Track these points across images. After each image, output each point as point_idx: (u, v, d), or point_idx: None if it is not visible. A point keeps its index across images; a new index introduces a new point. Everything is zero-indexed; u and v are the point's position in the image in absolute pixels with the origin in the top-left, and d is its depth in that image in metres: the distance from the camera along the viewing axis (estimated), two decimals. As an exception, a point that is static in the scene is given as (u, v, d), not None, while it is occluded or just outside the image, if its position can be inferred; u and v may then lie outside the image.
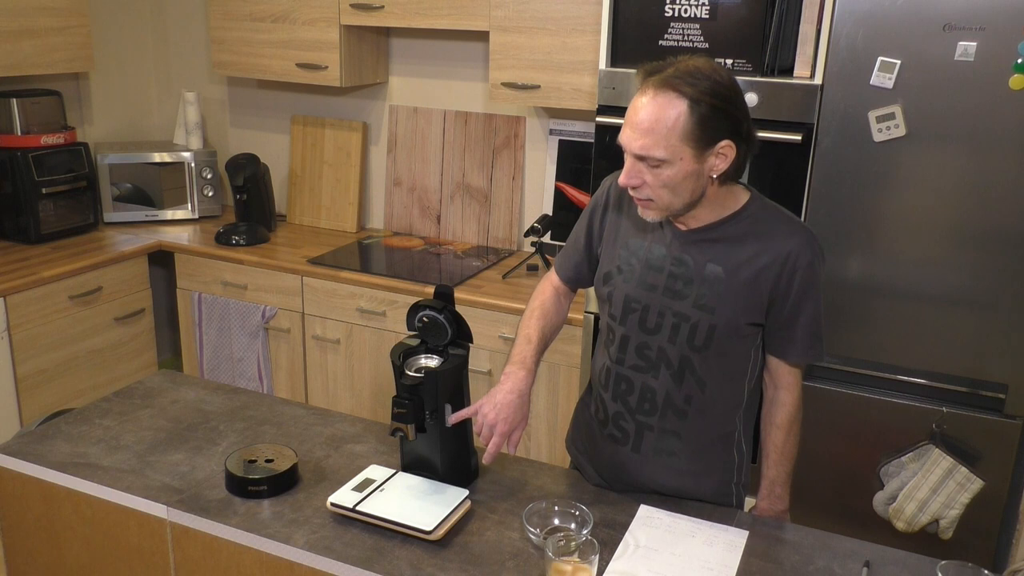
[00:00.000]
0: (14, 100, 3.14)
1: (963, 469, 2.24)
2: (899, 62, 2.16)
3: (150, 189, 3.60)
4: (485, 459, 1.65)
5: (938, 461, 2.27)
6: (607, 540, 1.52)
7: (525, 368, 1.70)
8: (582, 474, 1.84)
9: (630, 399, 1.68)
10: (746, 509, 1.81)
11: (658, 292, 1.62)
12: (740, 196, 1.62)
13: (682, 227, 1.62)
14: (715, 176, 1.52)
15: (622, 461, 1.73)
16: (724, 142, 1.50)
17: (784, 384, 1.70)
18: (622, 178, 1.53)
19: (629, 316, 1.66)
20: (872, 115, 2.22)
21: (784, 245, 1.57)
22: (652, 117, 1.46)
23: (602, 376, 1.74)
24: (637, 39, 2.49)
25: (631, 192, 1.56)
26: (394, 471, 1.68)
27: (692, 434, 1.68)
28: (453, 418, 1.63)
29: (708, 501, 1.72)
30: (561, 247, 1.88)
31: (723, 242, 1.59)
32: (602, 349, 1.76)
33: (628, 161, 1.52)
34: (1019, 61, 2.06)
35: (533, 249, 3.06)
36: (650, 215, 1.57)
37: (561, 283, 1.87)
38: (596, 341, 1.85)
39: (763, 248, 1.58)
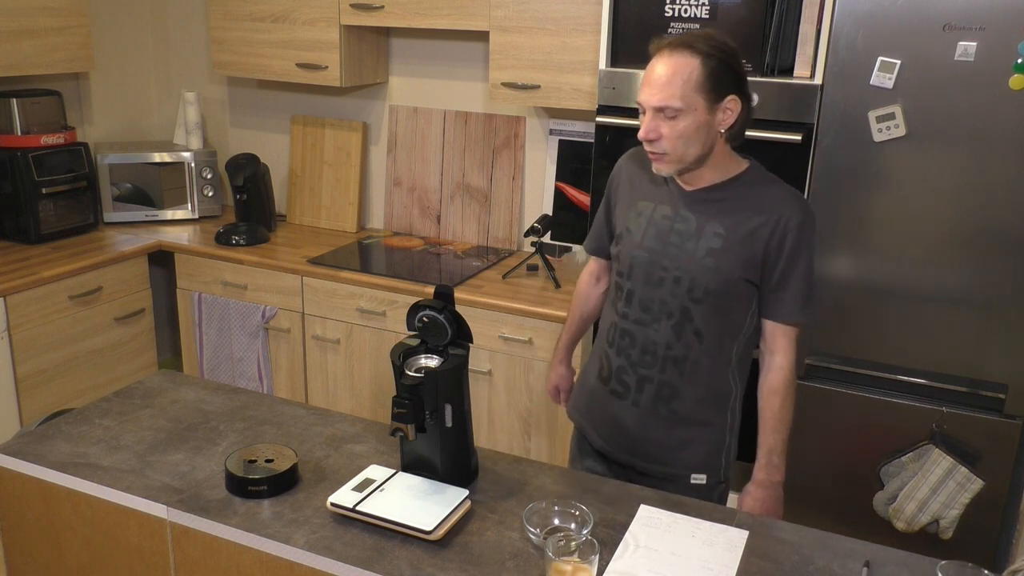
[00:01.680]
0: (14, 100, 3.14)
1: (963, 469, 2.24)
2: (899, 62, 2.17)
3: (150, 189, 3.60)
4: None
5: (938, 461, 2.27)
6: (607, 540, 1.52)
7: (563, 364, 2.18)
8: (585, 438, 1.97)
9: (632, 352, 1.83)
10: (733, 503, 1.82)
11: (662, 247, 1.78)
12: (741, 163, 1.79)
13: (687, 187, 1.78)
14: (723, 131, 1.71)
15: (622, 417, 1.87)
16: (731, 96, 1.69)
17: (778, 348, 1.80)
18: (641, 132, 1.69)
19: (635, 271, 1.81)
20: (872, 115, 2.22)
21: (778, 207, 1.73)
22: (670, 71, 1.65)
23: (608, 333, 1.89)
24: (637, 39, 2.49)
25: (648, 148, 1.71)
26: (394, 471, 1.68)
27: (689, 387, 1.81)
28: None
29: (699, 469, 1.84)
30: (561, 247, 1.96)
31: (724, 202, 1.75)
32: (609, 308, 1.91)
33: (647, 117, 1.68)
34: (1019, 61, 2.06)
35: (533, 249, 3.06)
36: (664, 168, 1.73)
37: (592, 261, 2.08)
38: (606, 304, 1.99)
39: (759, 209, 1.73)
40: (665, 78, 1.65)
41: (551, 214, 3.17)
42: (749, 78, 2.32)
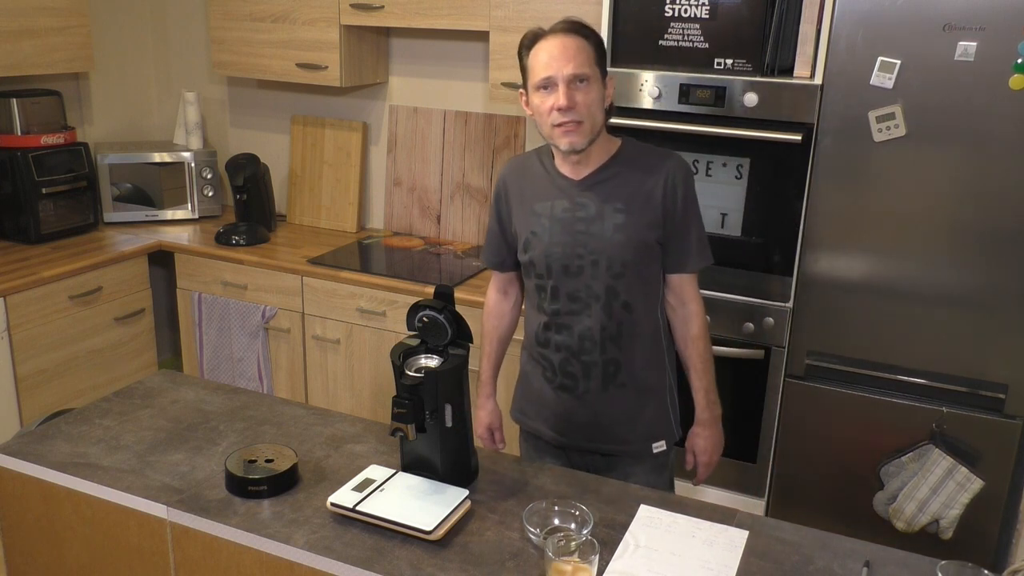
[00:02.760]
0: (14, 100, 3.14)
1: (963, 469, 2.24)
2: (899, 62, 2.17)
3: (150, 189, 3.60)
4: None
5: (938, 461, 2.27)
6: (607, 540, 1.52)
7: (490, 399, 2.16)
8: (540, 439, 2.01)
9: (571, 343, 1.88)
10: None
11: (572, 238, 1.84)
12: (616, 142, 1.89)
13: (576, 177, 1.85)
14: (607, 107, 1.83)
15: (575, 408, 1.92)
16: (609, 75, 1.84)
17: (690, 296, 1.92)
18: (561, 101, 1.73)
19: (553, 268, 1.86)
20: (872, 115, 2.22)
21: (662, 168, 1.84)
22: (573, 46, 1.75)
23: (539, 335, 1.93)
24: (637, 39, 2.49)
25: (563, 118, 1.75)
26: (394, 471, 1.68)
27: (629, 359, 1.89)
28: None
29: (656, 438, 1.94)
30: None
31: (613, 179, 1.84)
32: (533, 313, 1.95)
33: (561, 88, 1.74)
34: (1019, 61, 2.06)
35: (533, 249, 3.05)
36: (578, 140, 1.78)
37: (494, 277, 2.11)
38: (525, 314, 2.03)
39: (646, 175, 1.84)
40: (572, 50, 1.75)
41: (551, 214, 3.17)
42: (749, 78, 2.36)
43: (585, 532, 1.47)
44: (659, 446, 1.95)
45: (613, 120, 2.50)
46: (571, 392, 1.91)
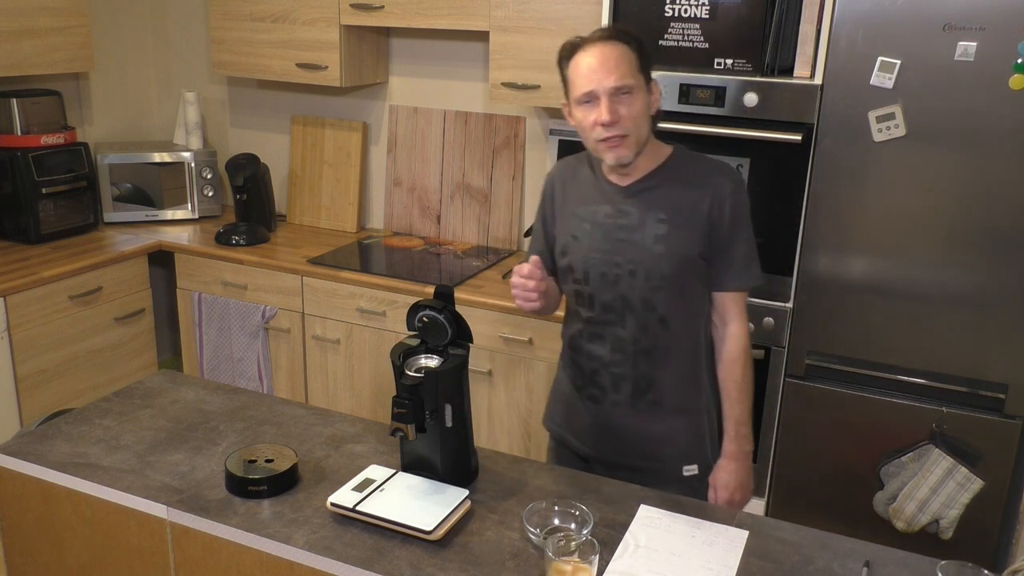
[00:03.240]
0: (14, 100, 3.14)
1: (963, 469, 2.24)
2: (899, 62, 2.17)
3: (150, 189, 3.60)
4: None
5: (938, 461, 2.27)
6: (607, 540, 1.52)
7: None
8: (566, 447, 1.96)
9: (603, 353, 1.83)
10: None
11: (612, 246, 1.79)
12: (666, 149, 1.83)
13: (622, 183, 1.80)
14: (654, 113, 1.76)
15: (604, 419, 1.87)
16: (653, 79, 1.77)
17: (732, 316, 1.83)
18: (604, 116, 1.67)
19: (591, 274, 1.81)
20: (872, 115, 2.22)
21: (709, 179, 1.77)
22: (614, 55, 1.69)
23: (574, 342, 1.89)
24: (637, 39, 2.49)
25: (607, 133, 1.69)
26: (394, 471, 1.68)
27: (663, 376, 1.82)
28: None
29: (688, 460, 1.85)
30: None
31: (659, 188, 1.78)
32: (572, 317, 1.91)
33: (603, 102, 1.68)
34: (1019, 61, 2.06)
35: (533, 249, 3.05)
36: (624, 154, 1.72)
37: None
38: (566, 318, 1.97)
39: (693, 185, 1.77)
40: (613, 61, 1.68)
41: (551, 214, 3.17)
42: (749, 78, 2.36)
43: (585, 532, 1.47)
44: (690, 470, 1.86)
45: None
46: (599, 403, 1.87)
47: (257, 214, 3.43)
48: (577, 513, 1.53)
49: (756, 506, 2.59)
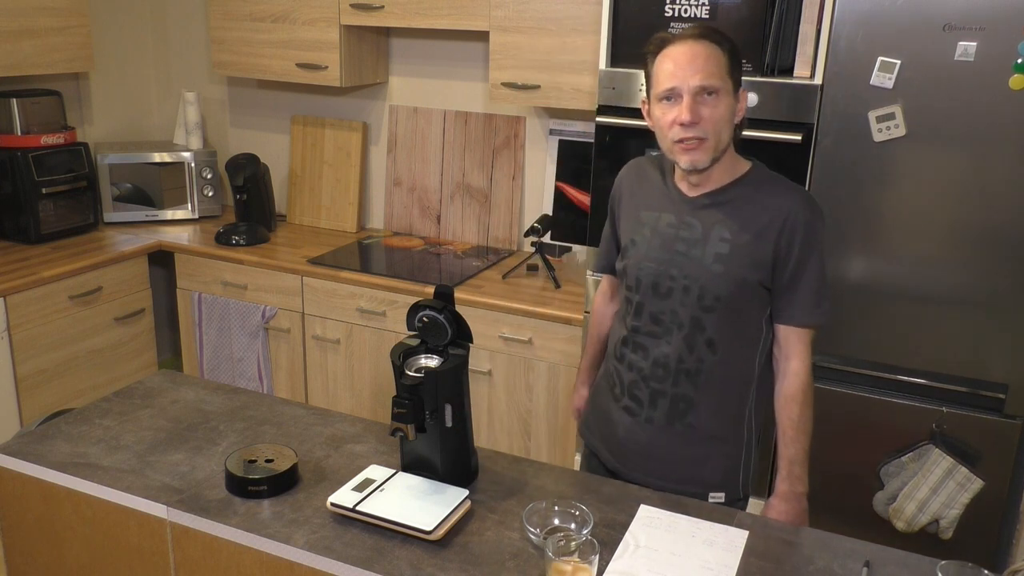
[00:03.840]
0: (14, 100, 3.14)
1: (963, 469, 2.24)
2: (899, 62, 2.16)
3: (150, 189, 3.60)
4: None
5: (938, 461, 2.27)
6: (607, 540, 1.52)
7: (584, 386, 2.07)
8: (596, 457, 1.90)
9: (644, 366, 1.76)
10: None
11: (669, 257, 1.72)
12: (745, 163, 1.75)
13: (691, 193, 1.73)
14: (738, 122, 1.69)
15: (635, 434, 1.80)
16: (742, 87, 1.69)
17: (794, 352, 1.73)
18: (684, 115, 1.60)
19: (643, 283, 1.75)
20: (872, 115, 2.22)
21: (784, 205, 1.67)
22: (704, 54, 1.61)
23: (618, 348, 1.83)
24: (637, 39, 2.48)
25: (685, 134, 1.62)
26: (394, 471, 1.68)
27: (704, 400, 1.74)
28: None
29: (716, 488, 1.78)
30: (561, 247, 1.93)
31: (728, 205, 1.70)
32: (619, 323, 1.85)
33: (685, 100, 1.60)
34: (1019, 61, 2.06)
35: (533, 249, 3.06)
36: (700, 158, 1.64)
37: (604, 280, 2.03)
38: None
39: (765, 209, 1.68)
40: (702, 59, 1.60)
41: (551, 214, 3.17)
42: (749, 78, 2.35)
43: (585, 532, 1.47)
44: (716, 496, 1.78)
45: (612, 119, 2.51)
46: (633, 416, 1.80)
47: (257, 214, 3.43)
48: (577, 513, 1.53)
49: (756, 506, 2.58)
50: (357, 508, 1.54)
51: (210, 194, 3.67)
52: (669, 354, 1.73)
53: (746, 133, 2.34)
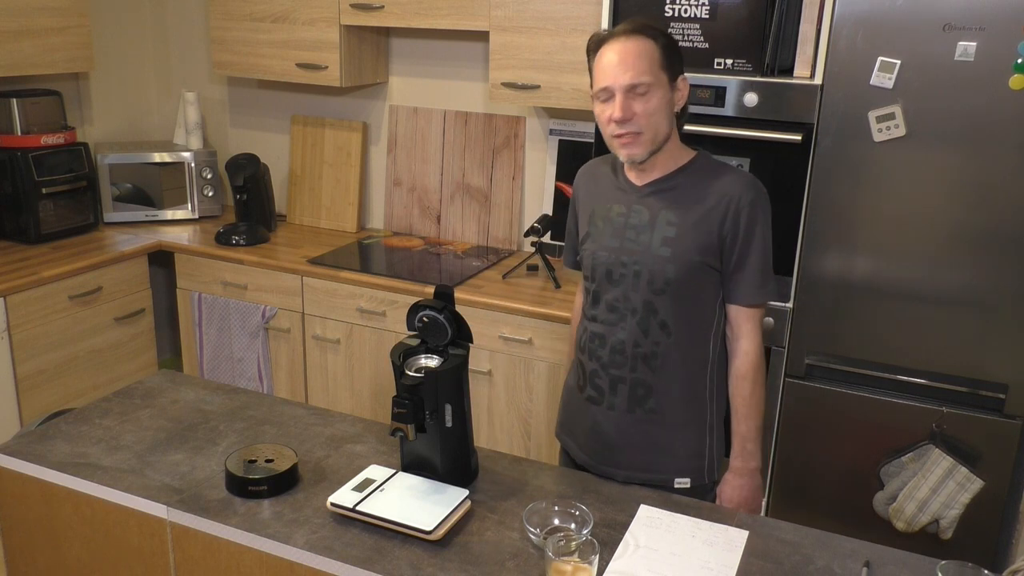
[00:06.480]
0: (14, 100, 3.14)
1: (963, 469, 2.24)
2: (899, 62, 2.17)
3: (150, 189, 3.60)
4: None
5: (938, 461, 2.27)
6: (607, 540, 1.52)
7: None
8: (567, 454, 1.94)
9: (603, 354, 1.81)
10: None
11: (620, 244, 1.78)
12: (689, 152, 1.81)
13: (639, 182, 1.79)
14: (678, 111, 1.74)
15: (599, 423, 1.84)
16: (681, 76, 1.74)
17: (743, 332, 1.80)
18: (616, 113, 1.67)
19: (598, 272, 1.81)
20: (872, 115, 2.22)
21: (728, 188, 1.74)
22: (635, 51, 1.67)
23: (580, 340, 1.88)
24: (637, 39, 2.49)
25: (621, 130, 1.69)
26: (394, 471, 1.68)
27: (663, 385, 1.78)
28: None
29: (682, 473, 1.81)
30: (561, 247, 1.94)
31: (674, 191, 1.76)
32: (583, 315, 1.89)
33: (618, 98, 1.67)
34: (1019, 61, 2.06)
35: (533, 249, 3.06)
36: (638, 152, 1.71)
37: (581, 279, 1.99)
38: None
39: (710, 192, 1.74)
40: (633, 56, 1.67)
41: (551, 214, 3.17)
42: (749, 78, 2.36)
43: (585, 532, 1.47)
44: (682, 482, 1.81)
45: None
46: (597, 405, 1.84)
47: (257, 214, 3.43)
48: (577, 513, 1.53)
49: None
50: (357, 508, 1.54)
51: (210, 194, 3.67)
52: (625, 340, 1.78)
53: (746, 133, 2.36)
